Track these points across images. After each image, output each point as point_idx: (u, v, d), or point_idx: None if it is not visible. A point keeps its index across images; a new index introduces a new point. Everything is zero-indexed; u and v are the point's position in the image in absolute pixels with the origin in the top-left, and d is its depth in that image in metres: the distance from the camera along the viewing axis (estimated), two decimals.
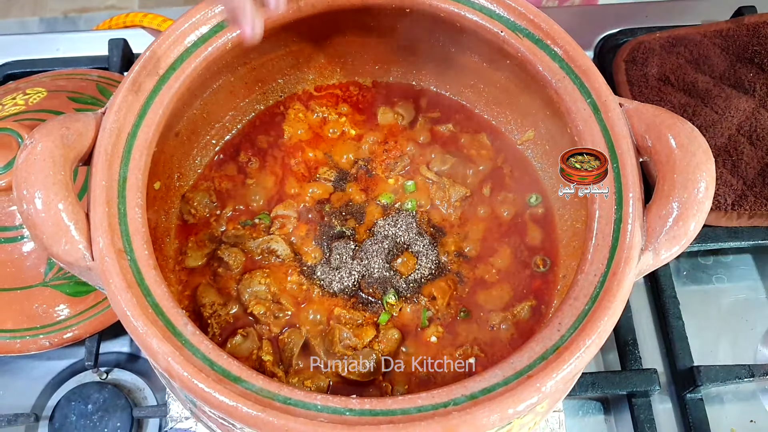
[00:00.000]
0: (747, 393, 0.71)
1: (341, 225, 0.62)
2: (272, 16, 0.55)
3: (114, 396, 0.66)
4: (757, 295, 0.76)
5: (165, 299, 0.45)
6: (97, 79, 0.78)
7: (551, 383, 0.42)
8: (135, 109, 0.50)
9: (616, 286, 0.45)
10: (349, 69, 0.68)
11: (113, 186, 0.47)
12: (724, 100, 0.77)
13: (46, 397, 0.68)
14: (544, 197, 0.63)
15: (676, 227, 0.46)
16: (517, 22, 0.56)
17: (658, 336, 0.73)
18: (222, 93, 0.61)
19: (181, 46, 0.53)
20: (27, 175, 0.44)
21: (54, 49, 0.88)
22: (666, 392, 0.70)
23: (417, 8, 0.58)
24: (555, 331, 0.45)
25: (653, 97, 0.78)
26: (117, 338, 0.71)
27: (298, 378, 0.54)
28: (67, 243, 0.44)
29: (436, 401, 0.42)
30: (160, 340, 0.42)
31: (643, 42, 0.83)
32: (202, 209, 0.61)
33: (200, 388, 0.41)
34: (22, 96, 0.72)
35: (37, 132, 0.46)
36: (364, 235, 0.61)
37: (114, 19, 1.00)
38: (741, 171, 0.73)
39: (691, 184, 0.46)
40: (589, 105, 0.52)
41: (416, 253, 0.60)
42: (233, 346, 0.55)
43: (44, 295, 0.64)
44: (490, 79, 0.63)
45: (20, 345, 0.64)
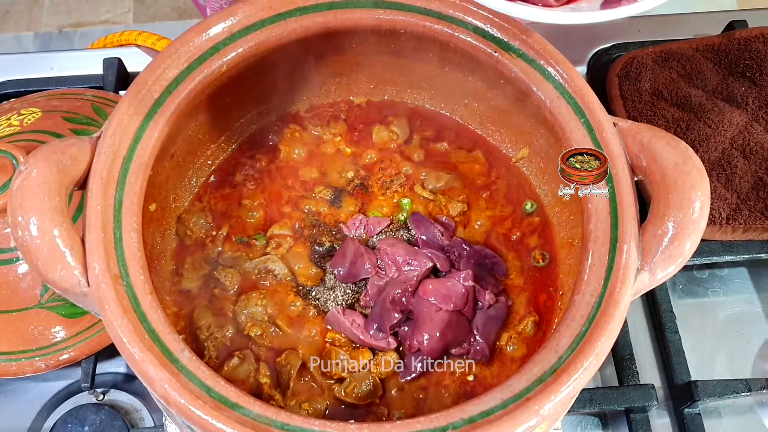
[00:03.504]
0: (744, 407, 0.71)
1: (337, 244, 0.62)
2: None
3: (111, 417, 0.66)
4: (753, 309, 0.77)
5: (161, 325, 0.44)
6: (92, 98, 0.78)
7: (549, 405, 0.42)
8: (130, 133, 0.50)
9: (613, 306, 0.45)
10: (344, 88, 0.68)
11: (109, 210, 0.47)
12: (717, 114, 0.77)
13: (42, 420, 0.67)
14: (542, 214, 0.63)
15: (672, 247, 0.46)
16: (511, 43, 0.56)
17: (655, 350, 0.73)
18: (217, 114, 0.61)
19: (176, 69, 0.53)
20: (22, 201, 0.44)
21: (48, 67, 0.88)
22: (664, 407, 0.70)
23: (410, 29, 0.58)
24: (553, 353, 0.45)
25: (647, 111, 0.79)
26: (113, 359, 0.70)
27: (295, 401, 0.54)
28: (62, 269, 0.44)
29: (435, 425, 0.42)
30: (156, 366, 0.42)
31: (635, 57, 0.83)
32: (198, 230, 0.61)
33: (197, 416, 0.41)
34: (17, 116, 0.72)
35: (32, 157, 0.45)
36: None
37: (109, 38, 1.01)
38: (735, 185, 0.73)
39: (687, 203, 0.46)
40: (584, 125, 0.53)
41: None
42: (230, 368, 0.55)
43: (40, 317, 0.64)
44: (484, 97, 0.64)
45: (16, 367, 0.63)
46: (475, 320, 0.57)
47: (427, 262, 0.58)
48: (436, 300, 0.56)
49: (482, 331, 0.57)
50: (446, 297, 0.56)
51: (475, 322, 0.57)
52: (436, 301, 0.56)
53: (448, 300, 0.56)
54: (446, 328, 0.55)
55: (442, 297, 0.56)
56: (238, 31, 0.55)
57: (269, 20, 0.56)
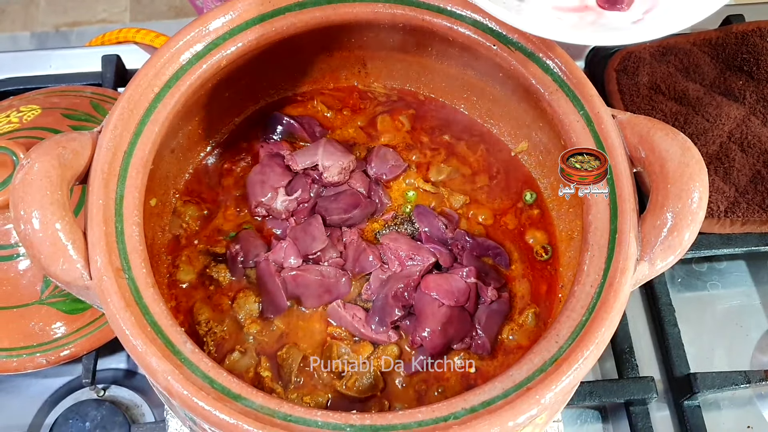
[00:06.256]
0: (743, 399, 0.71)
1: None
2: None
3: (112, 413, 0.66)
4: (751, 301, 0.77)
5: (163, 317, 0.45)
6: (91, 95, 0.78)
7: (550, 395, 0.42)
8: (131, 128, 0.51)
9: (613, 297, 0.46)
10: (343, 81, 0.69)
11: (110, 204, 0.47)
12: (715, 108, 0.77)
13: (44, 416, 0.67)
14: (542, 205, 0.63)
15: (671, 237, 0.46)
16: (509, 36, 0.56)
17: (654, 343, 0.74)
18: (217, 108, 0.61)
19: (176, 64, 0.53)
20: (24, 195, 0.44)
21: (47, 65, 0.88)
22: (663, 400, 0.70)
23: (409, 23, 0.58)
24: (553, 343, 0.45)
25: (645, 106, 0.79)
26: (114, 354, 0.71)
27: (297, 394, 0.54)
28: (64, 263, 0.44)
29: (437, 415, 0.42)
30: (159, 358, 0.42)
31: (633, 51, 0.83)
32: (193, 223, 0.61)
33: (200, 407, 0.41)
34: (16, 113, 0.72)
35: (34, 152, 0.46)
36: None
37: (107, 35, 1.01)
38: (733, 178, 0.73)
39: (685, 194, 0.46)
40: (582, 117, 0.53)
41: None
42: (231, 362, 0.55)
43: (41, 313, 0.64)
44: (484, 90, 0.64)
45: (17, 363, 0.63)
46: (478, 315, 0.58)
47: (430, 258, 0.59)
48: (438, 295, 0.56)
49: (484, 325, 0.57)
50: (449, 292, 0.57)
51: (478, 316, 0.58)
52: (438, 297, 0.56)
53: (451, 295, 0.56)
54: (448, 323, 0.56)
55: (445, 292, 0.57)
56: (237, 26, 0.56)
57: (268, 15, 0.56)
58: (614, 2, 0.48)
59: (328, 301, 0.58)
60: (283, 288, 0.57)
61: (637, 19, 0.47)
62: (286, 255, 0.58)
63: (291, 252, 0.58)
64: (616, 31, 0.46)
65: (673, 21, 0.45)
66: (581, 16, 0.48)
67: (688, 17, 0.45)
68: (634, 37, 0.45)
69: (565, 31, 0.45)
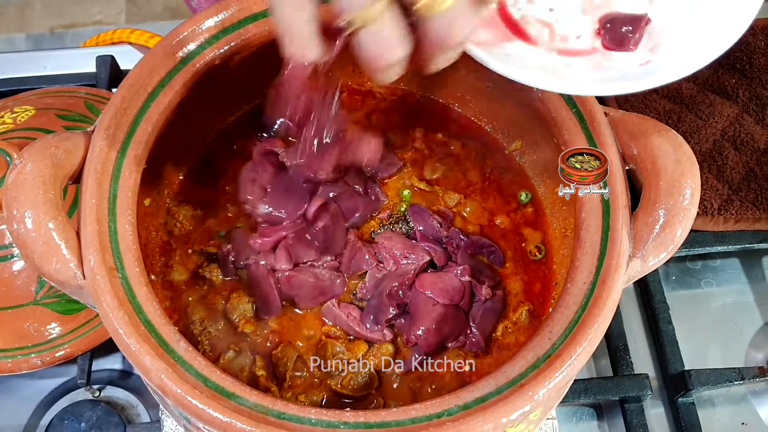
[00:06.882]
0: (738, 396, 0.72)
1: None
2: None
3: (107, 414, 0.66)
4: (745, 299, 0.77)
5: (157, 316, 0.45)
6: (85, 96, 0.78)
7: (543, 391, 0.42)
8: (124, 127, 0.51)
9: (606, 293, 0.46)
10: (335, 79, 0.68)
11: (103, 204, 0.47)
12: (708, 106, 0.78)
13: (39, 417, 0.67)
14: (536, 203, 0.63)
15: (663, 234, 0.47)
16: None
17: (648, 341, 0.74)
18: (210, 107, 0.61)
19: (169, 63, 0.53)
20: (17, 194, 0.44)
21: (41, 66, 0.88)
22: (658, 397, 0.71)
23: None
24: (546, 340, 0.45)
25: (638, 104, 0.79)
26: (109, 355, 0.71)
27: (291, 393, 0.54)
28: (58, 262, 0.44)
29: (430, 412, 0.42)
30: (152, 357, 0.42)
31: None
32: (187, 223, 0.61)
33: (194, 405, 0.41)
34: (10, 114, 0.72)
35: (26, 151, 0.46)
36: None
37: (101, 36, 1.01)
38: (726, 176, 0.74)
39: (677, 191, 0.46)
40: (575, 114, 0.53)
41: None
42: (226, 361, 0.55)
43: (35, 313, 0.64)
44: (477, 89, 0.64)
45: (12, 364, 0.64)
46: (472, 313, 0.58)
47: (425, 256, 0.59)
48: (432, 294, 0.57)
49: (479, 323, 0.57)
50: (443, 291, 0.57)
51: (472, 314, 0.58)
52: (432, 295, 0.56)
53: (445, 294, 0.57)
54: (443, 321, 0.56)
55: (439, 291, 0.57)
56: (230, 25, 0.55)
57: (261, 14, 0.56)
58: (621, 43, 0.47)
59: (322, 302, 0.58)
60: (276, 289, 0.57)
61: (646, 60, 0.46)
62: (278, 260, 0.58)
63: (282, 258, 0.58)
64: (629, 81, 0.44)
65: (683, 63, 0.43)
66: (590, 59, 0.47)
67: (697, 58, 0.43)
68: (650, 83, 0.43)
69: (590, 85, 0.44)
